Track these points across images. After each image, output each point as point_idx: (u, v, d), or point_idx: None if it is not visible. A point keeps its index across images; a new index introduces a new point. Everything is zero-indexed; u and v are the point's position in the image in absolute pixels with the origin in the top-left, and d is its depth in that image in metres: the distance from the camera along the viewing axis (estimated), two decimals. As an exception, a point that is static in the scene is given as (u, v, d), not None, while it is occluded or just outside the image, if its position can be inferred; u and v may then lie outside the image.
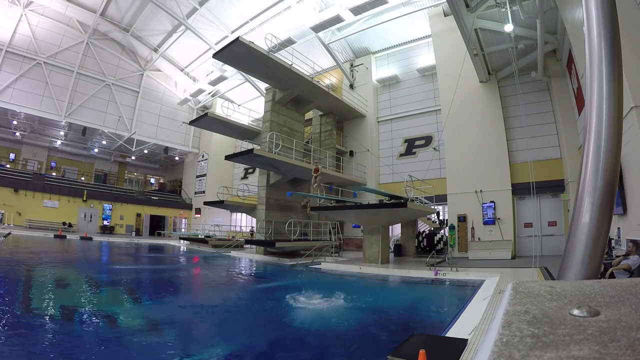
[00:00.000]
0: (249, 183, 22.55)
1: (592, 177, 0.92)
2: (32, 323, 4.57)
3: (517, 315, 0.67)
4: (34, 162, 26.72)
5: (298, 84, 15.75)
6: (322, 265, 12.06)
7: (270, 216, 15.46)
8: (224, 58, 14.58)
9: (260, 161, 14.66)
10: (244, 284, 10.14)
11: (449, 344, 3.52)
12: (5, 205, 21.50)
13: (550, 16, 11.13)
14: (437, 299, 7.89)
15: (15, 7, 21.75)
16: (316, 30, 17.19)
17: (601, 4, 0.99)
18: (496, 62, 14.57)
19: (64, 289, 7.19)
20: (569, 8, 8.44)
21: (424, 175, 14.59)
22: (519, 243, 13.93)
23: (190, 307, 6.50)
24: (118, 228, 26.70)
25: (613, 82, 0.94)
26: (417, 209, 11.52)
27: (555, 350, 0.51)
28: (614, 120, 0.93)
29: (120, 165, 32.67)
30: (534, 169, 11.24)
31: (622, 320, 0.60)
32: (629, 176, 6.91)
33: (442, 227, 16.06)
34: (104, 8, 22.79)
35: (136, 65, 27.31)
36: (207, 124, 18.46)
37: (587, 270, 0.91)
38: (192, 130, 29.91)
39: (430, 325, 5.46)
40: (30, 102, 22.73)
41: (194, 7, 20.42)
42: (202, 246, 20.56)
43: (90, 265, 11.44)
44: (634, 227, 6.77)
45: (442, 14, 16.35)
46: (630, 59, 5.99)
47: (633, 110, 6.21)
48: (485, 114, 14.90)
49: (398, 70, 19.28)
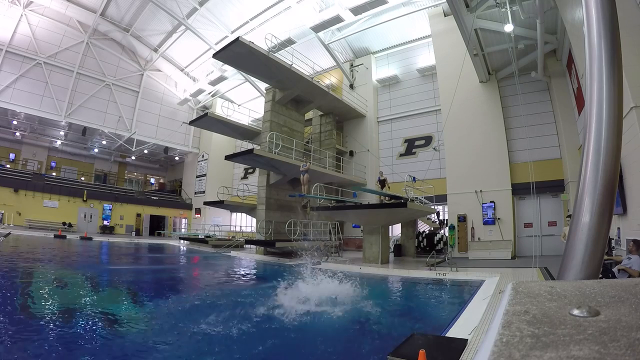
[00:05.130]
0: (249, 183, 22.54)
1: (592, 177, 0.92)
2: (32, 323, 4.57)
3: (517, 315, 0.67)
4: (34, 162, 26.72)
5: (298, 84, 15.75)
6: (322, 266, 12.05)
7: (270, 216, 15.46)
8: (224, 58, 14.58)
9: (260, 161, 14.66)
10: (243, 284, 10.13)
11: (449, 344, 3.52)
12: (5, 205, 21.50)
13: (550, 16, 11.14)
14: (437, 299, 7.89)
15: (15, 7, 21.75)
16: (316, 30, 17.20)
17: (601, 4, 0.99)
18: (496, 62, 14.57)
19: (64, 289, 7.19)
20: (569, 8, 8.44)
21: (424, 175, 14.60)
22: (519, 243, 13.93)
23: (190, 306, 6.50)
24: (118, 228, 26.70)
25: (613, 82, 0.94)
26: (417, 209, 11.52)
27: (555, 350, 0.51)
28: (614, 120, 0.93)
29: (120, 165, 32.68)
30: (534, 169, 11.25)
31: (622, 320, 0.60)
32: (629, 176, 6.91)
33: (442, 227, 16.05)
34: (104, 8, 22.80)
35: (136, 65, 27.31)
36: (207, 124, 18.46)
37: (587, 270, 0.91)
38: (192, 130, 29.91)
39: (430, 325, 5.45)
40: (30, 102, 22.75)
41: (194, 7, 20.43)
42: (202, 246, 20.56)
43: (90, 265, 11.44)
44: (634, 227, 6.77)
45: (442, 14, 16.35)
46: (630, 59, 5.99)
47: (633, 110, 6.21)
48: (485, 114, 14.90)
49: (398, 70, 19.27)
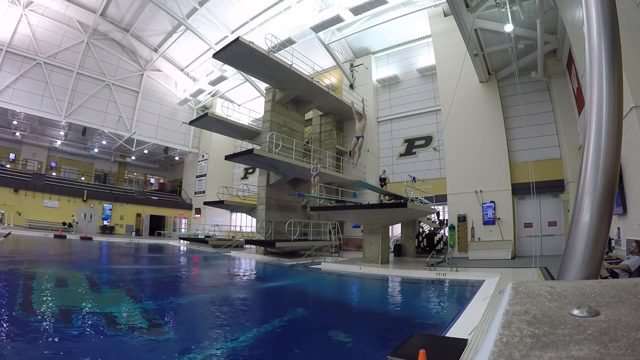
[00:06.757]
0: (249, 183, 22.54)
1: (592, 177, 0.92)
2: (32, 323, 4.57)
3: (517, 315, 0.67)
4: (34, 162, 26.72)
5: (298, 84, 15.75)
6: (322, 266, 12.05)
7: (270, 216, 15.46)
8: (224, 58, 14.58)
9: (260, 161, 14.66)
10: (243, 283, 10.13)
11: (449, 344, 3.52)
12: (5, 205, 21.50)
13: (550, 16, 11.13)
14: (437, 299, 7.89)
15: (15, 7, 21.75)
16: (316, 30, 17.19)
17: (601, 4, 0.99)
18: (496, 62, 14.57)
19: (64, 289, 7.19)
20: (569, 8, 8.44)
21: (424, 175, 14.59)
22: (519, 243, 13.93)
23: (189, 306, 6.50)
24: (118, 228, 26.70)
25: (613, 82, 0.94)
26: (417, 209, 11.52)
27: (555, 350, 0.51)
28: (614, 120, 0.93)
29: (120, 165, 32.68)
30: (534, 169, 11.24)
31: (622, 320, 0.60)
32: (629, 176, 6.90)
33: (442, 227, 16.06)
34: (104, 8, 22.80)
35: (136, 65, 27.31)
36: (207, 124, 18.46)
37: (587, 270, 0.91)
38: (192, 130, 29.91)
39: (430, 325, 5.45)
40: (30, 102, 22.74)
41: (194, 7, 20.42)
42: (202, 246, 20.56)
43: (90, 265, 11.44)
44: (634, 227, 6.77)
45: (442, 14, 16.35)
46: (630, 59, 5.99)
47: (633, 110, 6.21)
48: (485, 114, 14.90)
49: (398, 70, 19.27)
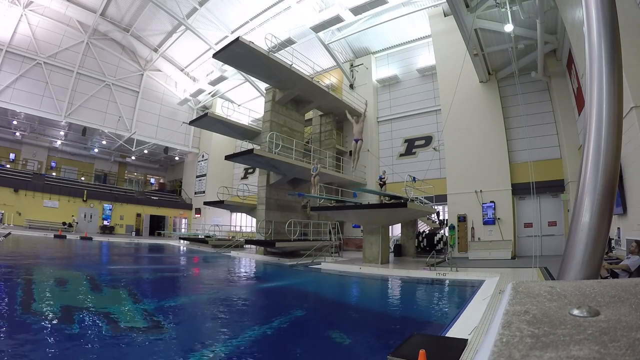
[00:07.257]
0: (249, 183, 22.55)
1: (592, 177, 0.92)
2: (32, 323, 4.57)
3: (517, 315, 0.67)
4: (34, 162, 26.72)
5: (298, 84, 15.74)
6: (322, 266, 12.05)
7: (270, 216, 15.46)
8: (224, 58, 14.58)
9: (260, 161, 14.66)
10: (243, 284, 10.13)
11: (449, 344, 3.52)
12: (5, 205, 21.50)
13: (550, 16, 11.13)
14: (437, 299, 7.89)
15: (15, 7, 21.75)
16: (316, 30, 17.19)
17: (601, 4, 0.99)
18: (496, 62, 14.57)
19: (64, 289, 7.19)
20: (569, 8, 8.44)
21: (424, 175, 14.60)
22: (519, 243, 13.92)
23: (189, 306, 6.50)
24: (118, 228, 26.70)
25: (613, 82, 0.94)
26: (417, 209, 11.52)
27: (555, 350, 0.51)
28: (614, 120, 0.93)
29: (120, 165, 32.68)
30: (534, 169, 11.24)
31: (622, 320, 0.60)
32: (629, 176, 6.90)
33: (442, 227, 16.06)
34: (104, 8, 22.79)
35: (136, 65, 27.31)
36: (207, 124, 18.46)
37: (587, 270, 0.91)
38: (192, 130, 29.91)
39: (430, 325, 5.45)
40: (30, 102, 22.74)
41: (194, 7, 20.42)
42: (202, 246, 20.55)
43: (90, 265, 11.44)
44: (634, 227, 6.77)
45: (442, 14, 16.35)
46: (630, 59, 5.99)
47: (633, 110, 6.21)
48: (485, 114, 14.90)
49: (398, 70, 19.27)
